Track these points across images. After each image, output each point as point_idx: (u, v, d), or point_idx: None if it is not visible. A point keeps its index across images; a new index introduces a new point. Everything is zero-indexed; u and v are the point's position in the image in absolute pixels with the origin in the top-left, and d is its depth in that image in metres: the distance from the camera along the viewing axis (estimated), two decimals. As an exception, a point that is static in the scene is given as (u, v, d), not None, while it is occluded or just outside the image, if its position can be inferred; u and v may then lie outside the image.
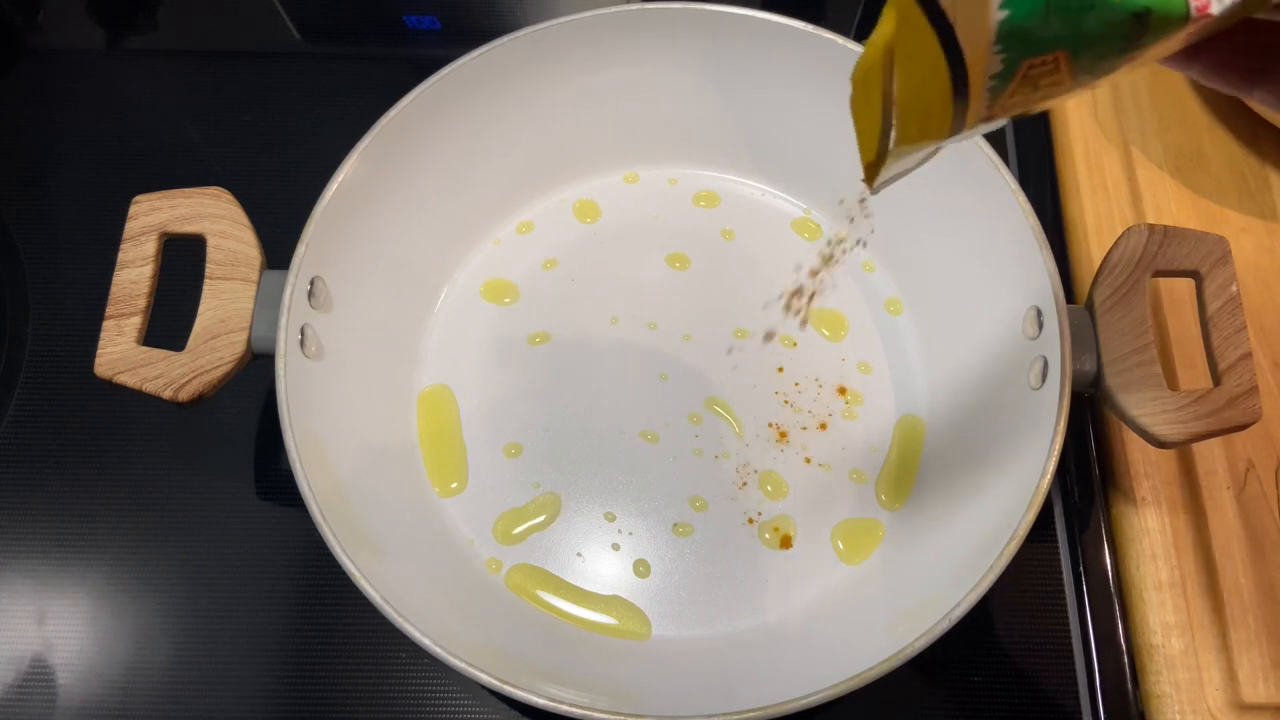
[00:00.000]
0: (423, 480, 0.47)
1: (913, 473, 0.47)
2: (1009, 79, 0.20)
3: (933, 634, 0.34)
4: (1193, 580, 0.43)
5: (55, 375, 0.51)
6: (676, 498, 0.46)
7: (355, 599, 0.35)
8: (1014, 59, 0.20)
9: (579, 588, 0.44)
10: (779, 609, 0.44)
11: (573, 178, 0.54)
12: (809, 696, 0.34)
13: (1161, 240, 0.41)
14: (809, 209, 0.54)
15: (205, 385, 0.39)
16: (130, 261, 0.41)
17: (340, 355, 0.44)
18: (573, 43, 0.48)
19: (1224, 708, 0.41)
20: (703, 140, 0.53)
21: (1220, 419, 0.38)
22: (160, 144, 0.58)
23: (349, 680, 0.44)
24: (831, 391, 0.49)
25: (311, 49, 0.62)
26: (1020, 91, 0.21)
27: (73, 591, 0.46)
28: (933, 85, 0.20)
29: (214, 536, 0.47)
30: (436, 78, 0.45)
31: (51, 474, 0.49)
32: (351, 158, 0.43)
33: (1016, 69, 0.20)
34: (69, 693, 0.44)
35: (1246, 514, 0.44)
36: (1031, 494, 0.36)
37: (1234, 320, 0.40)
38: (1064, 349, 0.39)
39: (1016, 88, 0.20)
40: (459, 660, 0.34)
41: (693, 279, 0.52)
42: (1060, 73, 0.20)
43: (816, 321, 0.50)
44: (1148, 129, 0.54)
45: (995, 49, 0.20)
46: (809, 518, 0.46)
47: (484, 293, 0.51)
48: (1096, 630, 0.45)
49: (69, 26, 0.63)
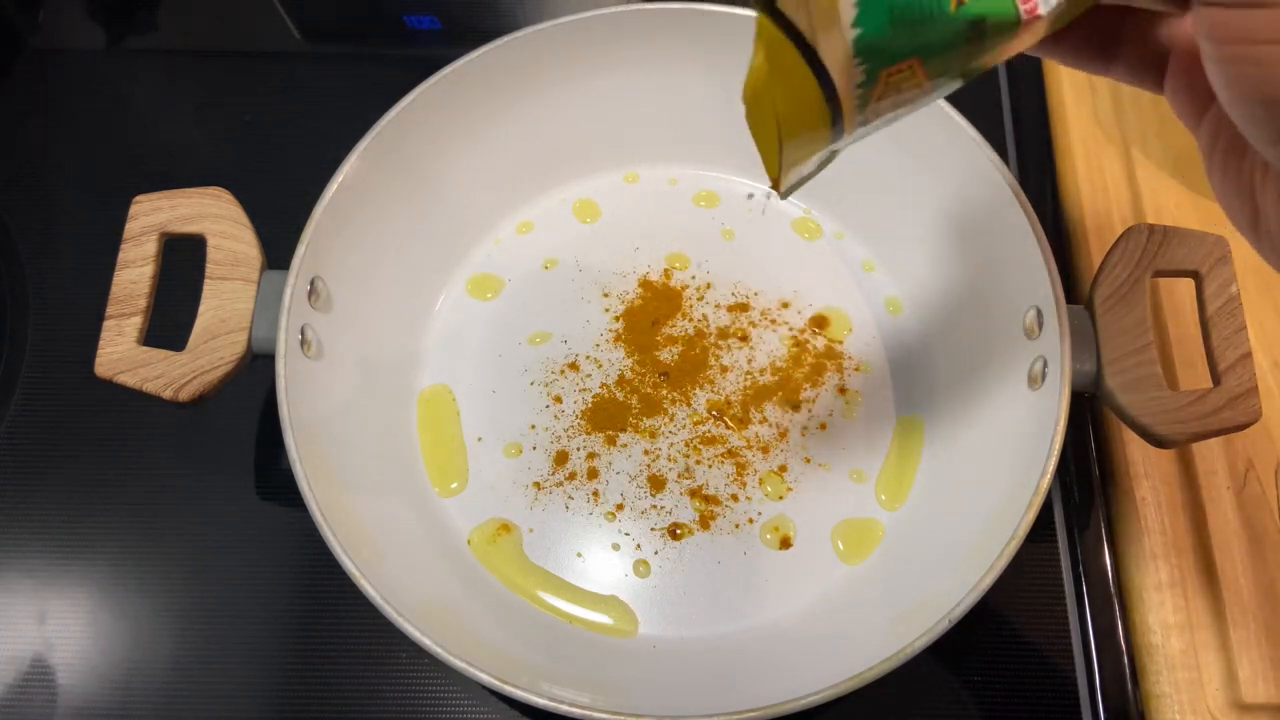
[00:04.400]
0: (423, 480, 0.47)
1: (913, 473, 0.47)
2: (872, 85, 0.23)
3: (933, 634, 0.34)
4: (1193, 580, 0.43)
5: (55, 375, 0.51)
6: (676, 498, 0.46)
7: (355, 599, 0.35)
8: (873, 69, 0.22)
9: (579, 587, 0.44)
10: (779, 609, 0.44)
11: (573, 178, 0.54)
12: (809, 696, 0.34)
13: (1161, 240, 0.41)
14: (809, 209, 0.54)
15: (205, 385, 0.39)
16: (131, 261, 0.41)
17: (340, 355, 0.44)
18: (573, 43, 0.48)
19: (1224, 708, 0.41)
20: (703, 140, 0.53)
21: (1220, 419, 0.38)
22: (160, 144, 0.58)
23: (349, 680, 0.44)
24: (831, 391, 0.49)
25: (311, 49, 0.62)
26: (886, 95, 0.23)
27: (73, 591, 0.46)
28: (807, 98, 0.23)
29: (214, 536, 0.47)
30: (436, 78, 0.45)
31: (51, 474, 0.49)
32: (351, 158, 0.43)
33: (877, 77, 0.23)
34: (69, 693, 0.44)
35: (1246, 514, 0.44)
36: (1031, 494, 0.36)
37: (1234, 320, 0.40)
38: (1064, 349, 0.39)
39: (882, 92, 0.23)
40: (459, 660, 0.34)
41: (693, 279, 0.52)
42: (918, 76, 0.23)
43: (816, 322, 0.50)
44: (1148, 129, 0.54)
45: (855, 62, 0.22)
46: (809, 518, 0.46)
47: (484, 292, 0.51)
48: (1096, 630, 0.45)
49: (69, 26, 0.63)
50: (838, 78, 0.22)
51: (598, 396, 0.48)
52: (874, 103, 0.23)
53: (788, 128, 0.24)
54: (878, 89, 0.23)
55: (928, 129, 0.45)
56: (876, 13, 0.21)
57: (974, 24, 0.22)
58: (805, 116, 0.24)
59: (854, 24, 0.21)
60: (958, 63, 0.23)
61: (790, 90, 0.23)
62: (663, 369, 0.49)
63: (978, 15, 0.22)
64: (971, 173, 0.44)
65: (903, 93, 0.23)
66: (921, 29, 0.22)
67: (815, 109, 0.23)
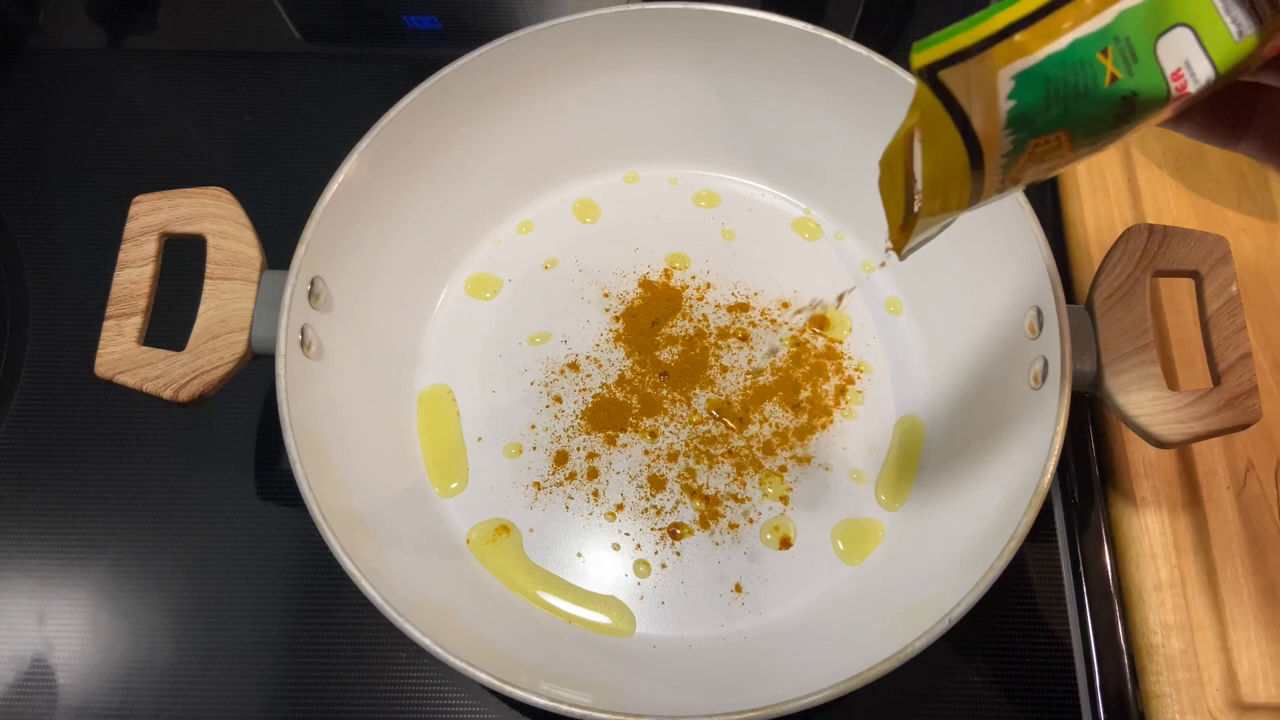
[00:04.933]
0: (423, 480, 0.47)
1: (913, 473, 0.47)
2: (1018, 156, 0.23)
3: (933, 634, 0.34)
4: (1193, 580, 0.43)
5: (55, 375, 0.51)
6: (676, 498, 0.46)
7: (355, 599, 0.35)
8: (1021, 139, 0.23)
9: (579, 587, 0.44)
10: (779, 609, 0.44)
11: (573, 178, 0.54)
12: (809, 696, 0.34)
13: (1161, 240, 0.41)
14: (809, 209, 0.54)
15: (205, 385, 0.39)
16: (131, 261, 0.41)
17: (340, 355, 0.44)
18: (573, 43, 0.48)
19: (1224, 708, 0.41)
20: (703, 140, 0.53)
21: (1220, 419, 0.38)
22: (160, 144, 0.58)
23: (349, 680, 0.44)
24: (832, 391, 0.49)
25: (311, 49, 0.62)
26: (1029, 165, 0.24)
27: (73, 591, 0.46)
28: (954, 164, 0.24)
29: (214, 536, 0.47)
30: (436, 78, 0.45)
31: (51, 474, 0.49)
32: (351, 158, 0.43)
33: (1024, 147, 0.23)
34: (69, 693, 0.44)
35: (1246, 514, 0.44)
36: (1031, 494, 0.36)
37: (1234, 320, 0.40)
38: (1064, 349, 0.39)
39: (1025, 162, 0.24)
40: (459, 660, 0.34)
41: (693, 279, 0.52)
42: (1063, 147, 0.23)
43: (816, 322, 0.50)
44: (1148, 129, 0.54)
45: (1005, 132, 0.23)
46: (809, 518, 0.46)
47: (484, 292, 0.51)
48: (1096, 630, 0.45)
49: (69, 26, 0.63)
50: (986, 146, 0.23)
51: (598, 396, 0.48)
52: (1015, 171, 0.24)
53: (928, 192, 0.25)
54: (1022, 158, 0.23)
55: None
56: (1033, 87, 0.22)
57: (1126, 99, 0.23)
58: (947, 183, 0.24)
59: (1010, 95, 0.22)
60: (1103, 135, 0.24)
61: (936, 156, 0.24)
62: (663, 369, 0.49)
63: (1130, 91, 0.23)
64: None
65: (1044, 162, 0.24)
66: (1074, 104, 0.22)
67: (959, 175, 0.24)
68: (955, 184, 0.24)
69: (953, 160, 0.23)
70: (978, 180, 0.24)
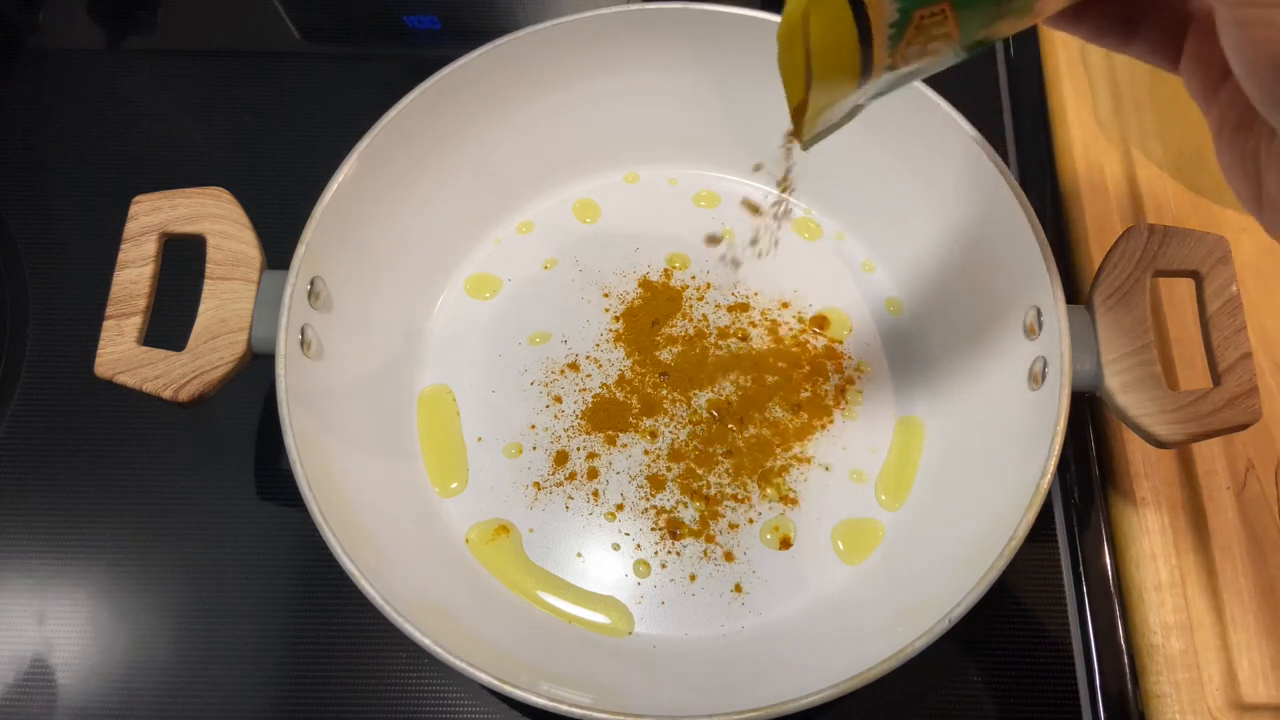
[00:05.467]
0: (423, 480, 0.47)
1: (913, 473, 0.47)
2: (905, 27, 0.24)
3: (933, 634, 0.34)
4: (1193, 580, 0.43)
5: (55, 375, 0.51)
6: (676, 498, 0.46)
7: (355, 599, 0.35)
8: (907, 8, 0.24)
9: (578, 587, 0.44)
10: (779, 609, 0.44)
11: (573, 178, 0.54)
12: (809, 696, 0.34)
13: (1161, 240, 0.41)
14: (809, 209, 0.54)
15: (205, 385, 0.39)
16: (130, 261, 0.41)
17: (340, 355, 0.44)
18: (572, 43, 0.48)
19: (1224, 708, 0.41)
20: (703, 140, 0.53)
21: (1220, 419, 0.38)
22: (160, 144, 0.58)
23: (349, 680, 0.44)
24: (831, 391, 0.49)
25: (311, 49, 0.62)
26: (916, 40, 0.25)
27: (73, 591, 0.46)
28: (841, 32, 0.24)
29: (214, 536, 0.47)
30: (436, 78, 0.45)
31: (51, 474, 0.49)
32: (351, 158, 0.43)
33: (910, 17, 0.24)
34: (69, 693, 0.44)
35: (1246, 514, 0.44)
36: (1031, 494, 0.36)
37: (1234, 320, 0.40)
38: (1064, 349, 0.39)
39: (912, 36, 0.25)
40: (459, 660, 0.34)
41: (693, 279, 0.52)
42: (949, 24, 0.24)
43: (816, 322, 0.50)
44: (1148, 129, 0.54)
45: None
46: (809, 518, 0.46)
47: (484, 292, 0.51)
48: (1096, 630, 0.45)
49: (69, 26, 0.63)
50: (873, 14, 0.24)
51: (598, 396, 0.48)
52: (903, 47, 0.25)
53: (819, 65, 0.26)
54: (909, 31, 0.24)
55: (929, 128, 0.45)
56: None
57: None
58: (837, 54, 0.25)
59: None
60: (986, 16, 0.24)
61: (825, 25, 0.25)
62: (663, 369, 0.49)
63: None
64: (971, 173, 0.44)
65: (930, 41, 0.25)
66: None
67: (848, 46, 0.25)
68: (845, 53, 0.25)
69: (840, 27, 0.24)
70: (866, 51, 0.25)
